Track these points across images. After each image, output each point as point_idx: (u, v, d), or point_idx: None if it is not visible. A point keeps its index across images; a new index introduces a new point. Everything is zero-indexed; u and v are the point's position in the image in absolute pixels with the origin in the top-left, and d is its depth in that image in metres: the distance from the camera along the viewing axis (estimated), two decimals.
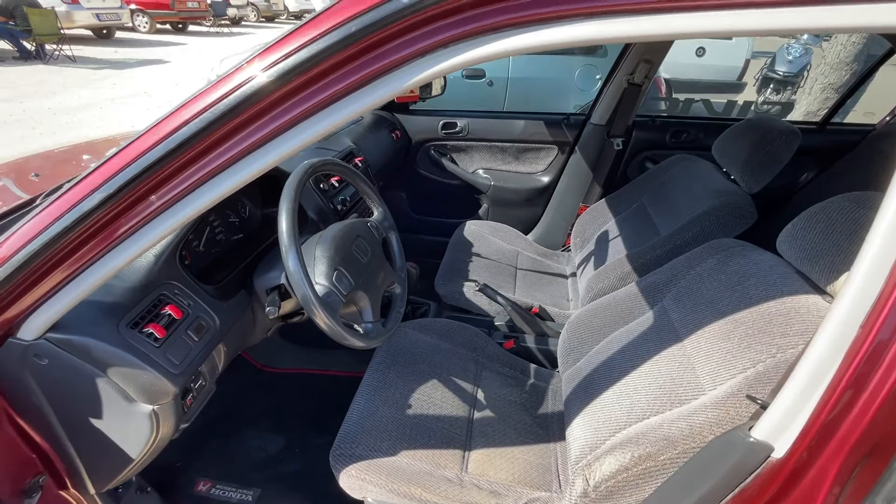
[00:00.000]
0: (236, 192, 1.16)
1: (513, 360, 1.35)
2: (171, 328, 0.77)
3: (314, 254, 0.91)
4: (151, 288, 0.79)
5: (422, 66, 0.48)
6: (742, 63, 5.28)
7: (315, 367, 1.65)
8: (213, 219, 1.07)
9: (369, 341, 0.93)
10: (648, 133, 1.93)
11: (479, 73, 3.39)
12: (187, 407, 0.81)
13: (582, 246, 1.80)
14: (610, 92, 1.81)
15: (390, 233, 1.17)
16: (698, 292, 1.03)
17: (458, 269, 1.70)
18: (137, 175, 0.51)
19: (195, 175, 0.53)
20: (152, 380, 0.72)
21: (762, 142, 1.31)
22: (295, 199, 0.83)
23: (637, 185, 1.75)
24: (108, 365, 0.70)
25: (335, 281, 0.88)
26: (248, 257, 1.05)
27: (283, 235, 0.79)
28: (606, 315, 1.23)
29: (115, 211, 0.53)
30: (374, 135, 1.83)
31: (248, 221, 1.17)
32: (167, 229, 0.57)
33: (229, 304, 0.92)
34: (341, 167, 1.03)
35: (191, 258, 0.99)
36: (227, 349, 0.93)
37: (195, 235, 1.01)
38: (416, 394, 1.15)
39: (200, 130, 0.49)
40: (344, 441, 1.01)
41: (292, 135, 0.53)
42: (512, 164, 2.12)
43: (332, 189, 1.34)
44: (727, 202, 1.31)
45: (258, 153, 0.53)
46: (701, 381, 0.86)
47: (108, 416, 0.74)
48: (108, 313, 0.72)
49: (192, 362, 0.79)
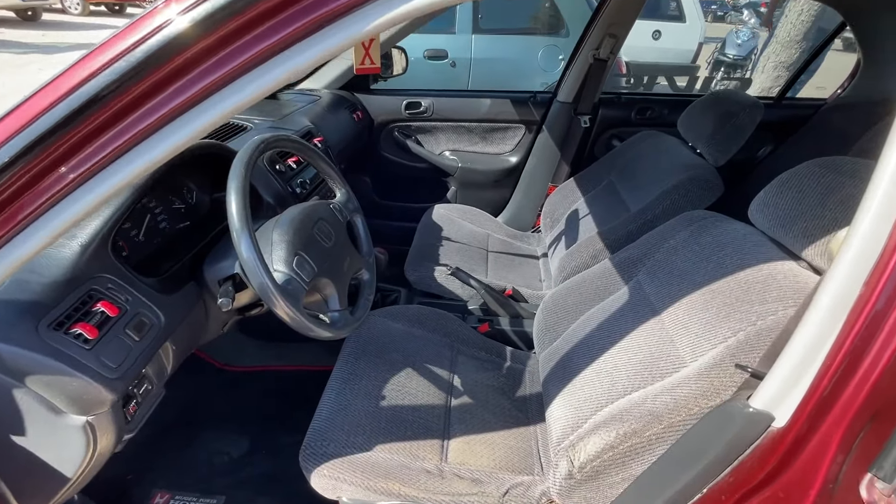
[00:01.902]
0: (180, 176, 1.06)
1: (488, 344, 1.31)
2: (104, 327, 0.68)
3: (271, 238, 0.83)
4: (78, 283, 0.68)
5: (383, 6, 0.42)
6: (696, 46, 5.42)
7: (280, 362, 1.55)
8: (153, 205, 0.96)
9: (337, 331, 0.86)
10: (614, 110, 1.93)
11: (441, 54, 3.30)
12: (131, 415, 0.72)
13: (552, 226, 1.78)
14: (575, 68, 1.79)
15: (355, 216, 1.10)
16: (673, 265, 1.02)
17: (428, 253, 1.64)
18: (41, 137, 0.42)
19: (116, 140, 0.44)
20: (83, 387, 0.62)
21: (727, 115, 1.32)
22: (245, 176, 0.74)
23: (605, 162, 1.74)
24: (27, 373, 0.60)
25: (296, 267, 0.80)
26: (197, 246, 0.95)
27: (233, 218, 0.71)
28: (581, 293, 1.21)
29: (12, 186, 0.44)
30: (334, 115, 1.73)
31: (196, 208, 1.06)
32: (81, 211, 0.47)
33: (175, 298, 0.83)
34: (298, 144, 0.94)
35: (129, 249, 0.88)
36: (176, 348, 0.83)
37: (133, 224, 0.90)
38: (389, 384, 1.09)
39: (112, 84, 0.41)
40: (314, 439, 0.95)
41: (225, 95, 0.45)
42: (479, 144, 2.07)
43: (289, 171, 1.25)
44: (695, 175, 1.32)
45: (187, 116, 0.44)
46: (681, 353, 0.85)
47: (33, 432, 0.64)
48: (23, 313, 0.61)
49: (134, 364, 0.70)
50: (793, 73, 1.82)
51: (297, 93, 1.88)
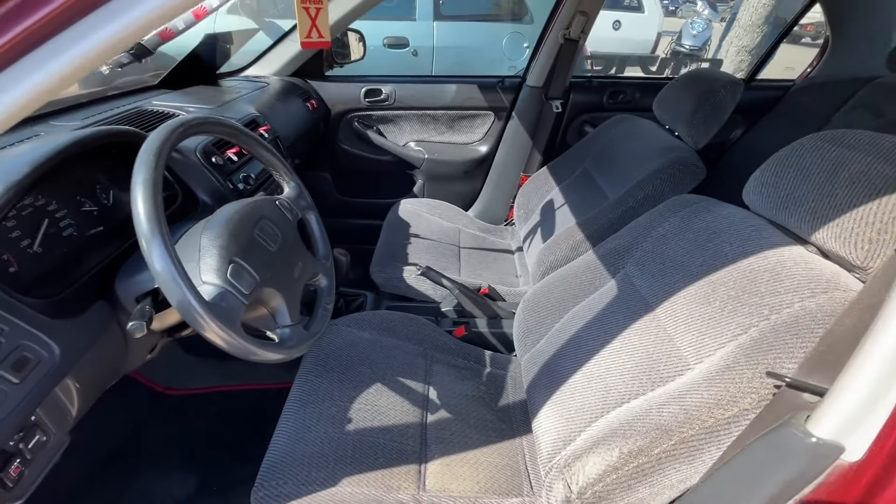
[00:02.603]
0: (89, 171, 0.88)
1: (465, 349, 1.20)
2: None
3: (199, 244, 0.68)
4: None
5: None
6: (654, 37, 5.50)
7: (230, 382, 1.38)
8: (53, 207, 0.78)
9: (289, 350, 0.72)
10: (585, 95, 1.84)
11: (402, 42, 3.14)
12: (13, 480, 0.55)
13: (526, 218, 1.69)
14: (545, 50, 1.69)
15: (308, 213, 0.95)
16: (664, 254, 0.93)
17: (396, 252, 1.51)
18: None
19: None
20: None
21: (707, 94, 1.25)
22: (156, 166, 0.59)
23: (578, 149, 1.66)
24: None
25: (231, 277, 0.65)
26: (110, 256, 0.78)
27: (139, 219, 0.56)
28: (564, 289, 1.11)
29: None
30: (284, 103, 1.56)
31: (112, 210, 0.88)
32: None
33: (77, 323, 0.66)
34: (230, 129, 0.78)
35: (18, 264, 0.71)
36: (81, 385, 0.67)
37: (23, 231, 0.73)
38: (356, 403, 0.96)
39: None
40: (268, 477, 0.80)
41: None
42: (446, 134, 1.94)
43: (229, 164, 1.08)
44: (676, 158, 1.24)
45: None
46: (683, 353, 0.76)
47: None
48: None
49: (12, 414, 0.53)
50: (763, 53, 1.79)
51: (242, 79, 1.69)
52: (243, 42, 1.90)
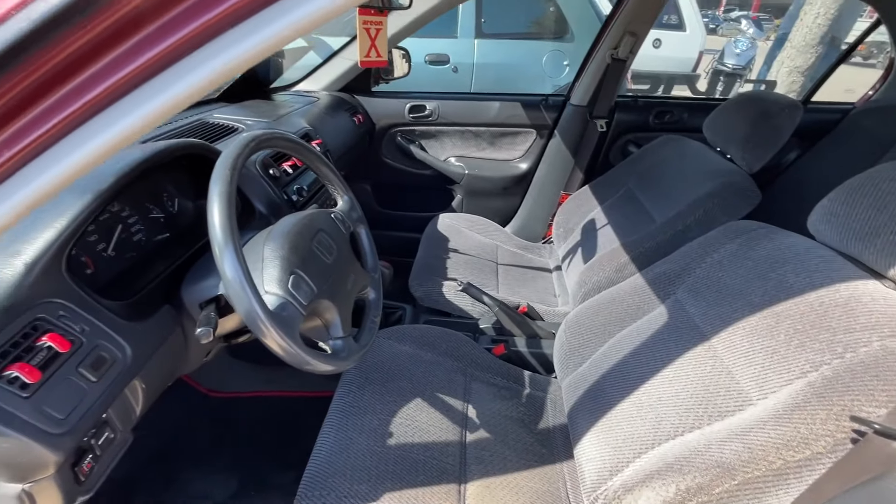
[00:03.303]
0: (159, 180, 0.93)
1: (504, 368, 1.18)
2: (50, 367, 0.54)
3: (262, 254, 0.70)
4: (19, 311, 0.55)
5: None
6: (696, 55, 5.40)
7: (273, 387, 1.41)
8: (126, 214, 0.83)
9: (340, 362, 0.73)
10: (630, 115, 1.82)
11: (442, 59, 3.20)
12: (85, 474, 0.58)
13: (565, 237, 1.67)
14: (591, 69, 1.68)
15: (359, 226, 0.97)
16: (720, 282, 0.90)
17: (434, 266, 1.51)
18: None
19: (52, 116, 0.31)
20: (18, 448, 0.49)
21: (763, 116, 1.21)
22: (231, 179, 0.61)
23: (622, 169, 1.64)
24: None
25: (292, 288, 0.67)
26: (176, 262, 0.82)
27: (215, 229, 0.58)
28: (609, 312, 1.09)
29: None
30: (333, 118, 1.61)
31: (177, 217, 0.93)
32: (23, 204, 0.35)
33: (147, 326, 0.69)
34: (295, 144, 0.81)
35: (95, 266, 0.75)
36: (146, 386, 0.70)
37: (100, 236, 0.77)
38: (397, 418, 0.96)
39: (31, 35, 0.28)
40: (311, 486, 0.81)
41: (187, 67, 0.32)
42: (487, 150, 1.96)
43: (285, 176, 1.12)
44: (729, 182, 1.21)
45: (138, 94, 0.32)
46: (744, 387, 0.73)
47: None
48: None
49: (89, 412, 0.56)
50: (821, 75, 1.73)
51: (294, 94, 1.76)
52: (295, 58, 1.99)
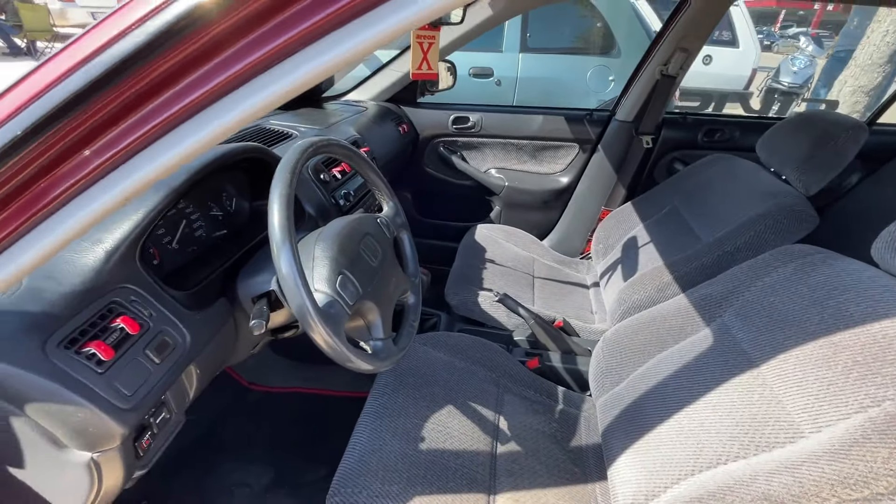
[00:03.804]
0: (220, 180, 1.00)
1: (538, 382, 1.17)
2: (122, 347, 0.59)
3: (313, 254, 0.73)
4: (99, 294, 0.60)
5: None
6: (749, 72, 5.21)
7: (311, 385, 1.45)
8: (190, 210, 0.89)
9: (380, 363, 0.75)
10: (678, 132, 1.78)
11: (486, 72, 3.24)
12: (143, 450, 0.62)
13: (605, 253, 1.64)
14: (639, 85, 1.66)
15: (402, 232, 1.00)
16: (771, 307, 0.86)
17: (471, 276, 1.52)
18: (55, 113, 0.33)
19: (142, 126, 0.35)
20: (90, 419, 0.53)
21: (824, 137, 1.16)
22: (291, 183, 0.65)
23: (668, 187, 1.60)
24: (28, 400, 0.51)
25: (339, 288, 0.70)
26: (232, 258, 0.87)
27: (274, 229, 0.62)
28: (650, 332, 1.06)
29: (29, 168, 0.35)
30: (379, 127, 1.66)
31: (234, 216, 0.99)
32: (112, 201, 0.39)
33: (205, 316, 0.74)
34: (348, 151, 0.85)
35: (161, 257, 0.81)
36: (200, 372, 0.74)
37: (167, 230, 0.83)
38: (429, 423, 0.97)
39: (133, 57, 0.32)
40: (344, 483, 0.83)
41: (265, 82, 0.35)
42: (528, 163, 1.96)
43: (334, 181, 1.17)
44: (784, 204, 1.16)
45: (227, 101, 0.35)
46: (795, 419, 0.69)
47: (32, 466, 0.55)
48: (31, 328, 0.53)
49: (151, 392, 0.61)
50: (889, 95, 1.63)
51: (343, 103, 1.83)
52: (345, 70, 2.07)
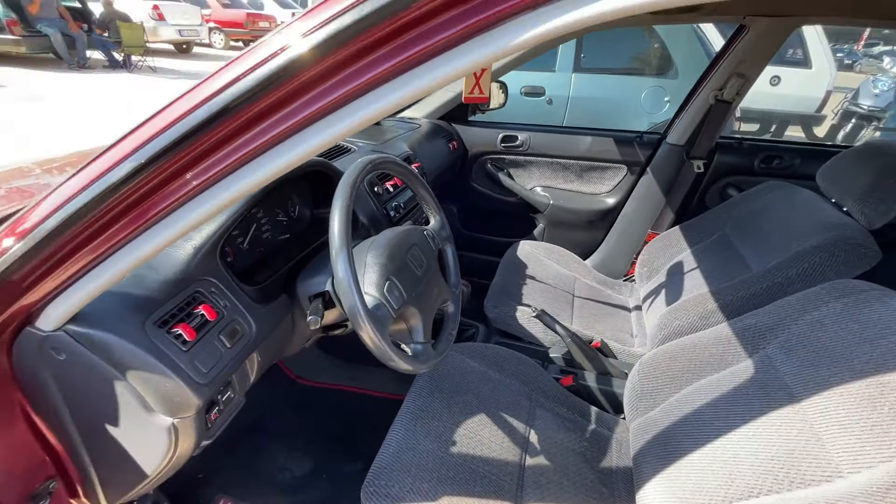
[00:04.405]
0: (287, 189, 1.11)
1: (571, 400, 1.18)
2: (202, 331, 0.69)
3: (365, 260, 0.81)
4: (186, 283, 0.71)
5: (486, 42, 0.38)
6: (823, 94, 4.90)
7: (353, 384, 1.54)
8: (260, 215, 1.00)
9: (418, 365, 0.81)
10: (733, 157, 1.74)
11: (538, 91, 3.28)
12: (211, 422, 0.72)
13: (649, 277, 1.62)
14: (693, 109, 1.64)
15: (447, 244, 1.06)
16: (818, 342, 0.84)
17: (510, 291, 1.56)
18: (172, 144, 0.42)
19: (237, 152, 0.44)
20: (175, 389, 0.63)
21: (891, 168, 1.11)
22: (350, 196, 0.73)
23: (719, 212, 1.56)
24: (129, 367, 0.61)
25: (386, 292, 0.77)
26: (293, 259, 0.97)
27: (334, 236, 0.70)
28: (689, 359, 1.05)
29: (146, 186, 0.45)
30: (431, 143, 1.75)
31: (297, 221, 1.09)
32: (203, 214, 0.48)
33: (269, 309, 0.83)
34: (402, 168, 0.93)
35: (234, 255, 0.92)
36: (261, 359, 0.83)
37: (240, 231, 0.94)
38: (461, 428, 1.01)
39: (243, 97, 0.40)
40: (378, 476, 0.89)
41: (345, 114, 0.43)
42: (574, 182, 1.97)
43: (386, 194, 1.26)
44: (843, 237, 1.11)
45: (306, 133, 0.43)
46: (834, 458, 0.68)
47: (125, 424, 0.66)
48: (135, 308, 0.64)
49: (222, 372, 0.70)
50: None
51: (399, 120, 1.94)
52: None
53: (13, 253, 0.50)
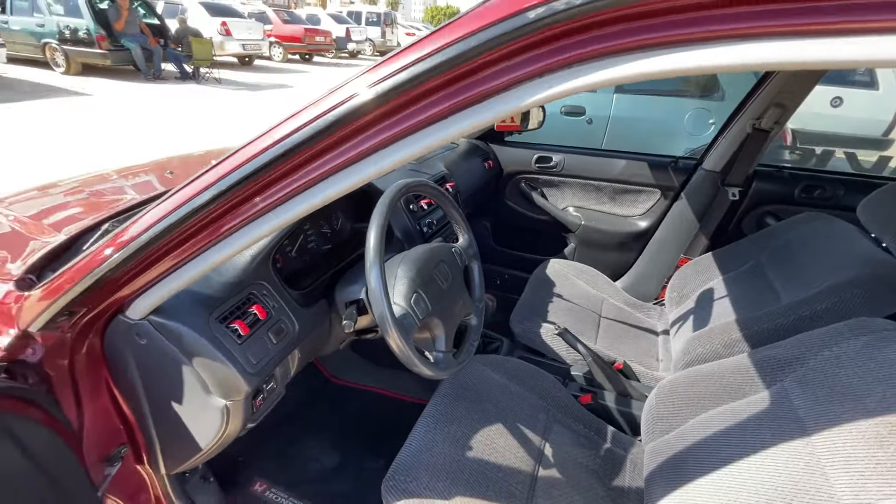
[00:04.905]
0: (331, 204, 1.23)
1: (588, 418, 1.22)
2: (254, 327, 0.80)
3: (396, 273, 0.90)
4: (243, 286, 0.82)
5: (517, 95, 0.45)
6: (891, 116, 4.59)
7: (381, 386, 1.63)
8: (307, 227, 1.12)
9: (439, 371, 0.89)
10: (773, 185, 1.71)
11: (578, 110, 3.31)
12: (256, 407, 0.82)
13: (679, 302, 1.62)
14: (730, 136, 1.64)
15: (473, 261, 1.13)
16: (834, 378, 0.85)
17: (537, 308, 1.60)
18: (246, 177, 0.53)
19: (298, 181, 0.54)
20: (230, 376, 0.74)
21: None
22: (386, 216, 0.83)
23: (755, 241, 1.55)
24: (195, 354, 0.73)
25: (413, 304, 0.85)
26: (334, 268, 1.07)
27: (369, 251, 0.79)
28: (706, 386, 1.06)
29: (222, 209, 0.56)
30: (467, 162, 1.84)
31: (339, 234, 1.21)
32: (266, 230, 0.58)
33: (310, 312, 0.94)
34: (434, 190, 1.02)
35: (283, 262, 1.04)
36: (300, 356, 0.94)
37: (289, 241, 1.06)
38: (478, 435, 1.07)
39: (307, 139, 0.50)
40: (398, 472, 0.96)
41: (389, 152, 0.52)
42: (606, 204, 2.00)
43: (420, 211, 1.35)
44: (878, 273, 1.09)
45: (356, 167, 0.52)
46: (836, 491, 0.69)
47: (187, 403, 0.77)
48: (202, 304, 0.76)
49: (268, 364, 0.81)
50: None
51: None
52: None
53: (113, 260, 0.63)
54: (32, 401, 0.67)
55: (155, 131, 5.39)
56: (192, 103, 7.07)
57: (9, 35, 7.73)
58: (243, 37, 10.93)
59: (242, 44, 10.91)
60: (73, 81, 7.68)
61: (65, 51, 7.91)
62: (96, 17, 7.73)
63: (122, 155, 4.49)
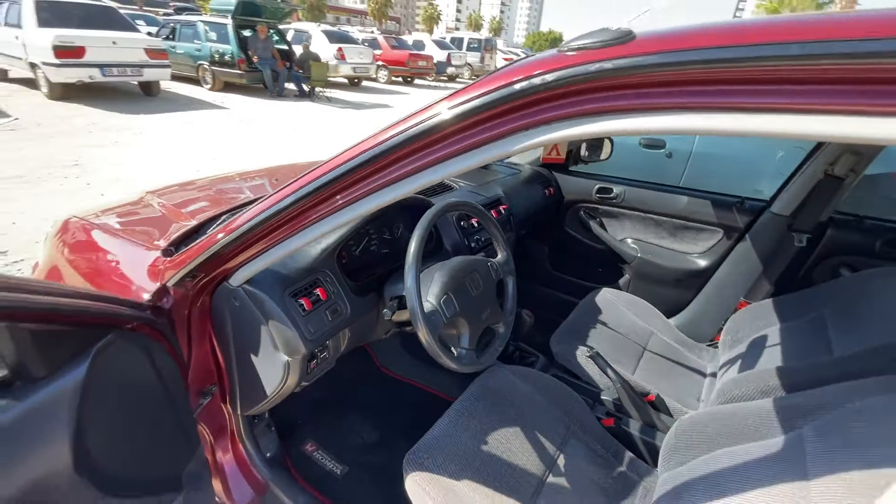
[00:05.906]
0: (395, 215, 1.44)
1: (607, 440, 1.26)
2: (316, 305, 1.01)
3: (433, 276, 1.07)
4: (312, 272, 1.05)
5: (505, 143, 0.59)
6: None
7: (421, 381, 1.80)
8: (372, 232, 1.33)
9: (460, 365, 1.03)
10: (851, 234, 1.60)
11: (658, 143, 3.24)
12: (310, 369, 1.03)
13: (732, 345, 1.58)
14: (801, 181, 1.58)
15: (508, 277, 1.26)
16: (849, 431, 0.84)
17: (579, 331, 1.66)
18: (329, 181, 0.71)
19: (376, 181, 0.70)
20: (293, 338, 0.95)
21: None
22: (427, 228, 1.00)
23: (822, 291, 1.47)
24: (270, 317, 0.96)
25: (442, 303, 1.01)
26: (387, 269, 1.27)
27: (409, 256, 0.97)
28: (723, 424, 1.07)
29: (309, 204, 0.76)
30: (527, 188, 1.97)
31: (397, 241, 1.41)
32: (338, 223, 0.77)
33: (362, 301, 1.14)
34: (474, 209, 1.18)
35: (347, 258, 1.26)
36: (350, 336, 1.14)
37: (355, 241, 1.28)
38: (495, 433, 1.18)
39: (387, 150, 0.66)
40: (420, 450, 1.11)
41: (443, 168, 0.65)
42: (665, 239, 1.99)
43: (471, 228, 1.51)
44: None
45: (416, 176, 0.67)
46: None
47: (261, 355, 1.00)
48: (280, 281, 0.99)
49: (322, 335, 1.01)
50: None
51: (505, 165, 2.20)
52: None
53: (223, 241, 0.87)
54: (164, 334, 0.94)
55: (272, 139, 6.24)
56: (304, 117, 8.03)
57: (174, 58, 9.46)
58: (355, 61, 12.12)
59: (353, 67, 12.09)
60: (216, 96, 9.19)
61: (213, 71, 9.52)
62: (239, 44, 9.18)
63: (247, 157, 5.31)
